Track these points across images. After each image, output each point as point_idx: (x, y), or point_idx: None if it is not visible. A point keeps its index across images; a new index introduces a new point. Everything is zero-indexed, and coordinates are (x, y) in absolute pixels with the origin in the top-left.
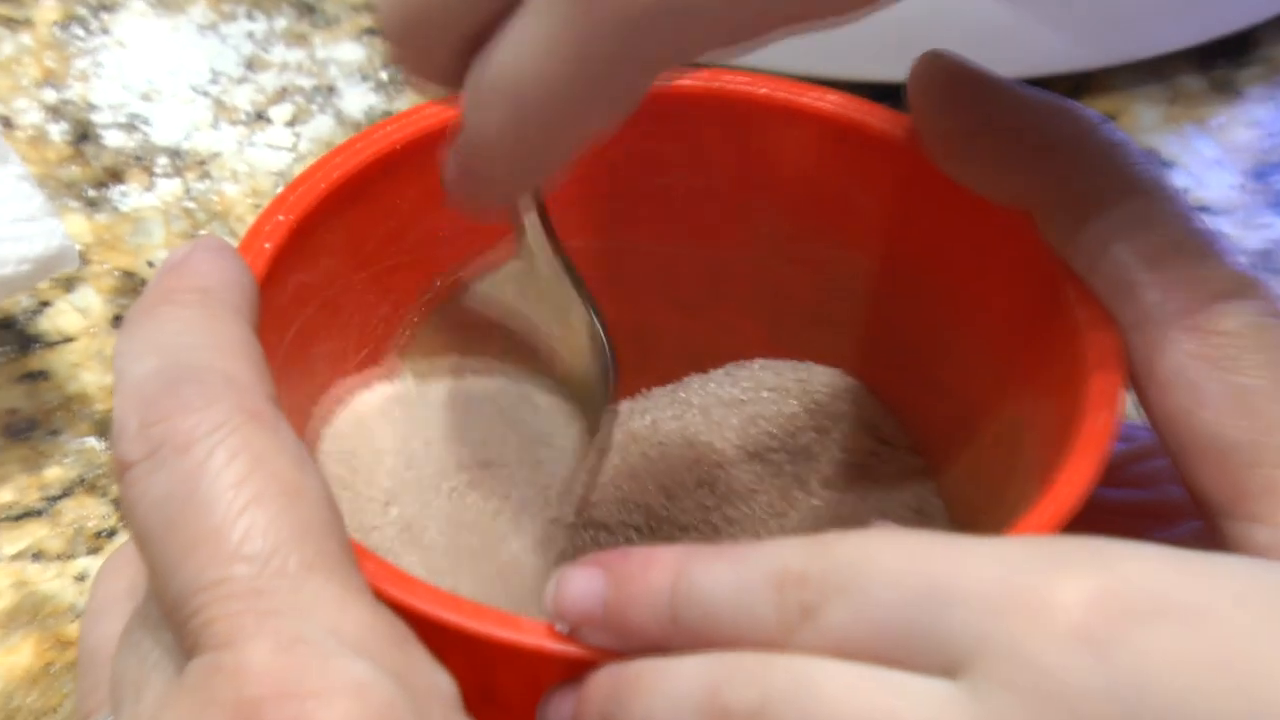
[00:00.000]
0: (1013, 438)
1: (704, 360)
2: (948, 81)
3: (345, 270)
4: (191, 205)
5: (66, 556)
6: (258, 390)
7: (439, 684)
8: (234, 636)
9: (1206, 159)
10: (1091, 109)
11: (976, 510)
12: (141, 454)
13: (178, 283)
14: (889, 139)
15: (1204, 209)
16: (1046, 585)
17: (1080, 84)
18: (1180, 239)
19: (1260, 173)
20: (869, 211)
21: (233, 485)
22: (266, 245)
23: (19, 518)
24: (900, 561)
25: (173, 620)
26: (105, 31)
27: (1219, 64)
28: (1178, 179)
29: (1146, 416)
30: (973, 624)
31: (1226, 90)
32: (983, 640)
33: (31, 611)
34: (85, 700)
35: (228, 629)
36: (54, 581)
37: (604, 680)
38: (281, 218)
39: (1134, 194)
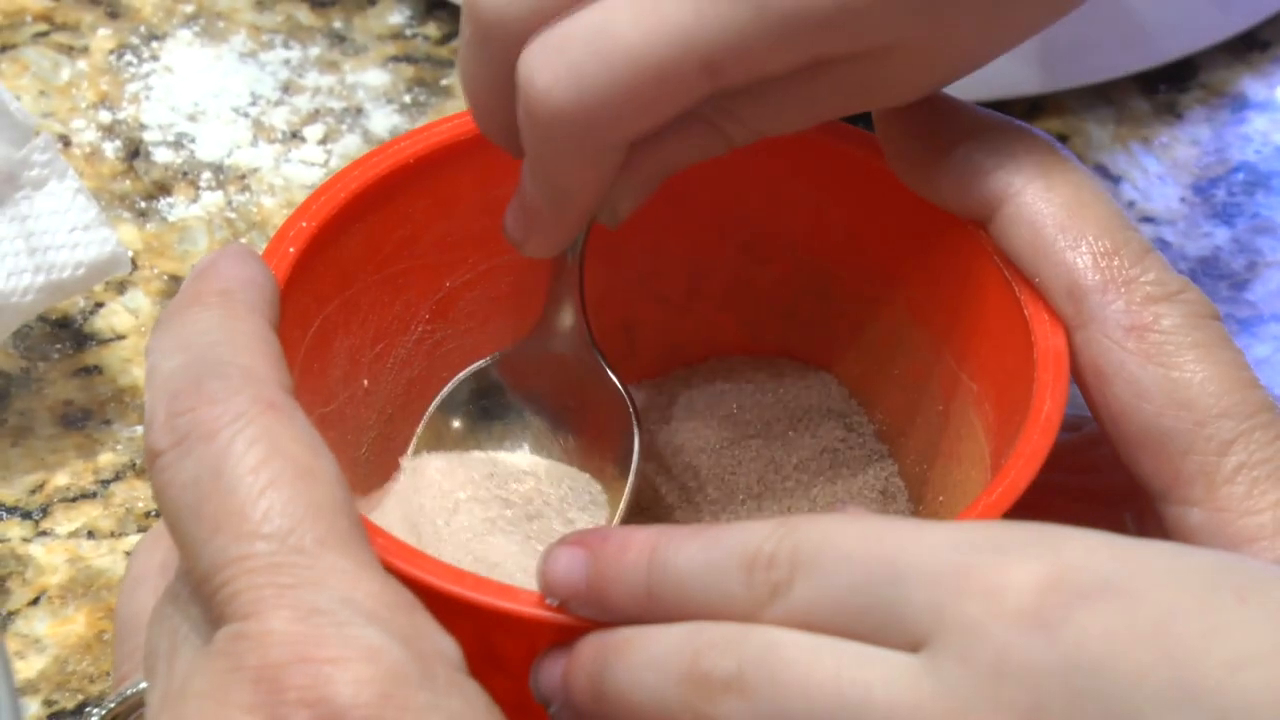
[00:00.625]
0: (967, 426)
1: (687, 353)
2: (912, 105)
3: (362, 272)
4: (232, 216)
5: (117, 535)
6: (274, 382)
7: (444, 647)
8: (257, 608)
9: (1152, 175)
10: (1045, 129)
11: (935, 491)
12: (169, 443)
13: (204, 286)
14: (855, 155)
15: (1150, 220)
16: (1000, 567)
17: (1036, 106)
18: (1119, 246)
19: (1200, 187)
20: (836, 220)
21: (252, 469)
22: (291, 249)
23: (74, 499)
24: (861, 542)
25: (201, 593)
26: (155, 59)
27: (1162, 88)
28: (1126, 193)
29: (1090, 407)
30: (931, 602)
31: (1169, 112)
32: (940, 618)
33: (85, 585)
34: (120, 666)
35: (251, 601)
36: (106, 558)
37: (592, 645)
38: (305, 224)
39: (1079, 206)
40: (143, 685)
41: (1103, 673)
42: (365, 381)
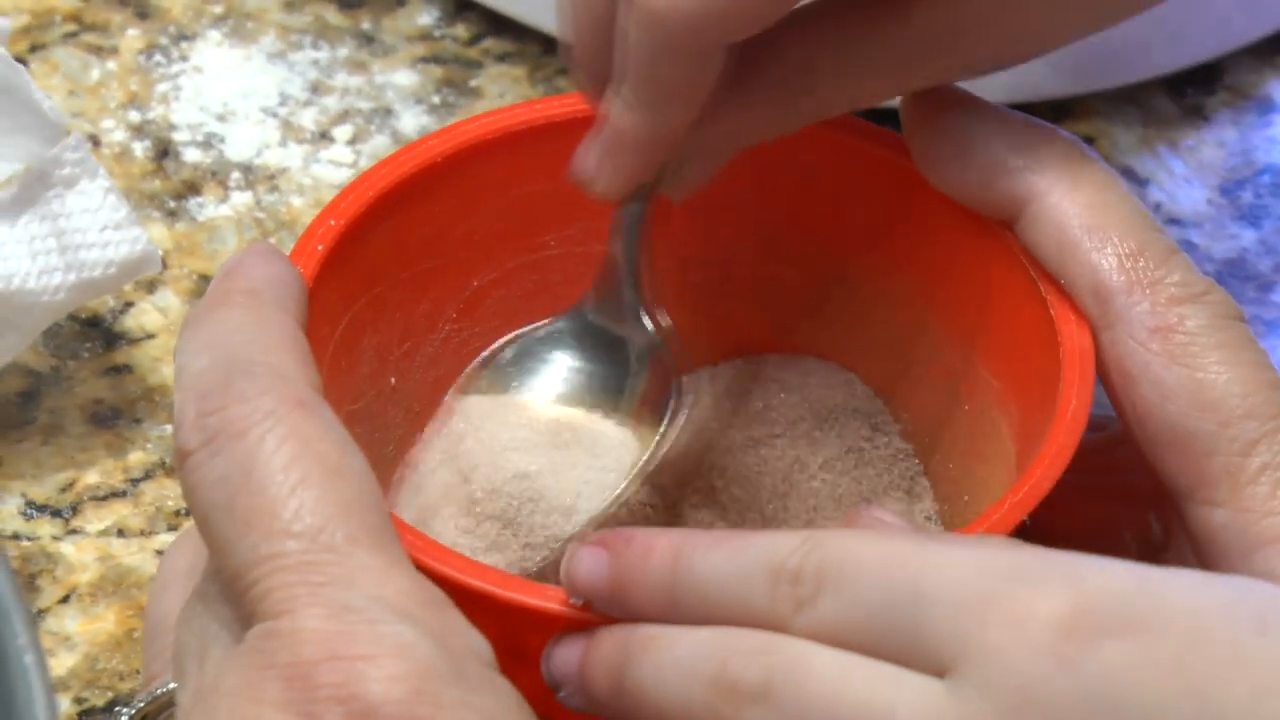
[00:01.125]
0: (991, 425)
1: (713, 351)
2: (938, 105)
3: (389, 270)
4: (261, 215)
5: (148, 533)
6: (303, 380)
7: (474, 643)
8: (289, 606)
9: (1178, 177)
10: (1072, 131)
11: (960, 490)
12: (199, 442)
13: (230, 285)
14: (879, 154)
15: (1176, 222)
16: (1024, 597)
17: (1063, 108)
18: (1145, 247)
19: (1227, 189)
20: (860, 219)
21: (282, 468)
22: (319, 247)
23: (104, 498)
24: (887, 562)
25: (232, 592)
26: (184, 59)
27: (1189, 91)
28: (1153, 195)
29: (1114, 408)
30: (956, 629)
31: (1196, 115)
32: (965, 645)
33: (115, 583)
34: (150, 665)
35: (283, 599)
36: (136, 555)
37: (614, 637)
38: (333, 222)
39: (1104, 206)
40: (172, 685)
41: (1125, 706)
42: (393, 379)
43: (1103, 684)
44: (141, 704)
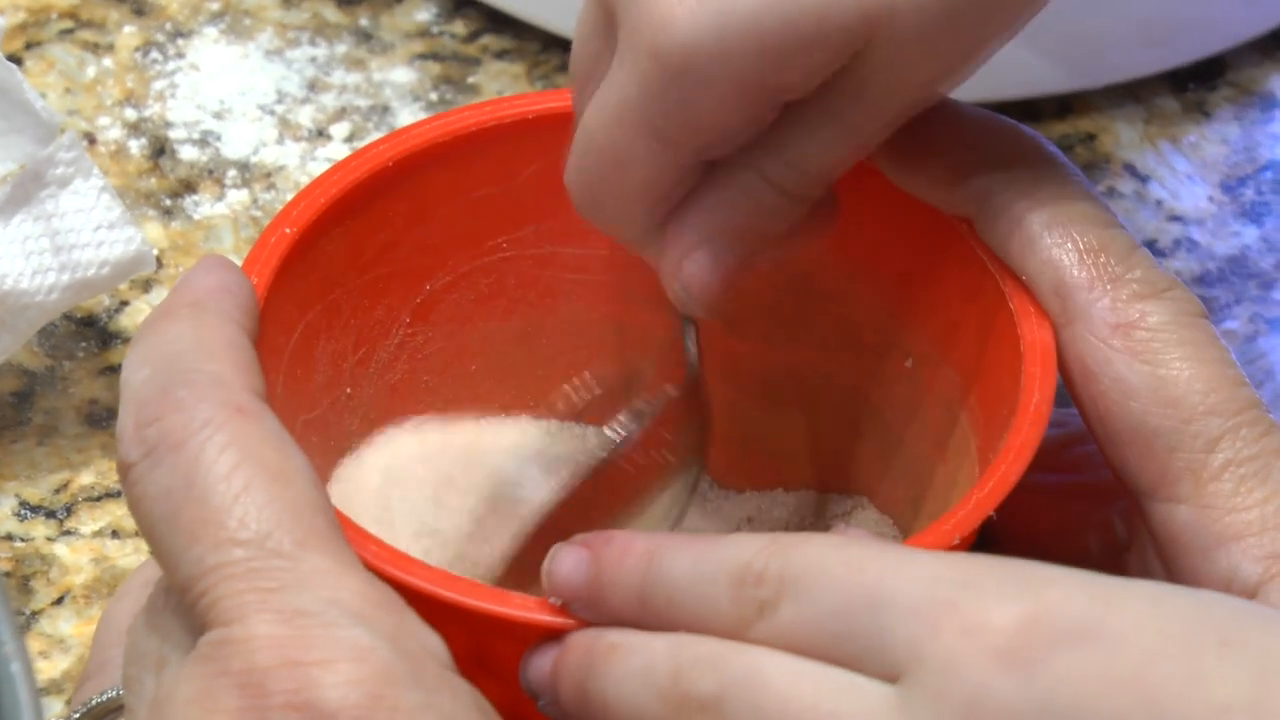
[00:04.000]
0: (952, 421)
1: (668, 349)
2: None
3: (343, 277)
4: (258, 214)
5: (142, 534)
6: (242, 386)
7: (430, 644)
8: (240, 613)
9: (1180, 174)
10: (1074, 128)
11: (923, 486)
12: (139, 454)
13: (176, 299)
14: None
15: (1178, 219)
16: (979, 606)
17: (1065, 105)
18: (1106, 243)
19: (1229, 186)
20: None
21: (225, 476)
22: (272, 256)
23: (99, 498)
24: (847, 567)
25: (182, 604)
26: (181, 56)
27: (1191, 87)
28: (1154, 191)
29: (1075, 405)
30: (910, 636)
31: (1198, 111)
32: (918, 652)
33: (110, 584)
34: (88, 679)
35: (233, 607)
36: (130, 557)
37: (579, 646)
38: (286, 230)
39: (1066, 203)
40: (110, 695)
41: (1078, 717)
42: (348, 389)
43: (1055, 695)
44: (76, 715)
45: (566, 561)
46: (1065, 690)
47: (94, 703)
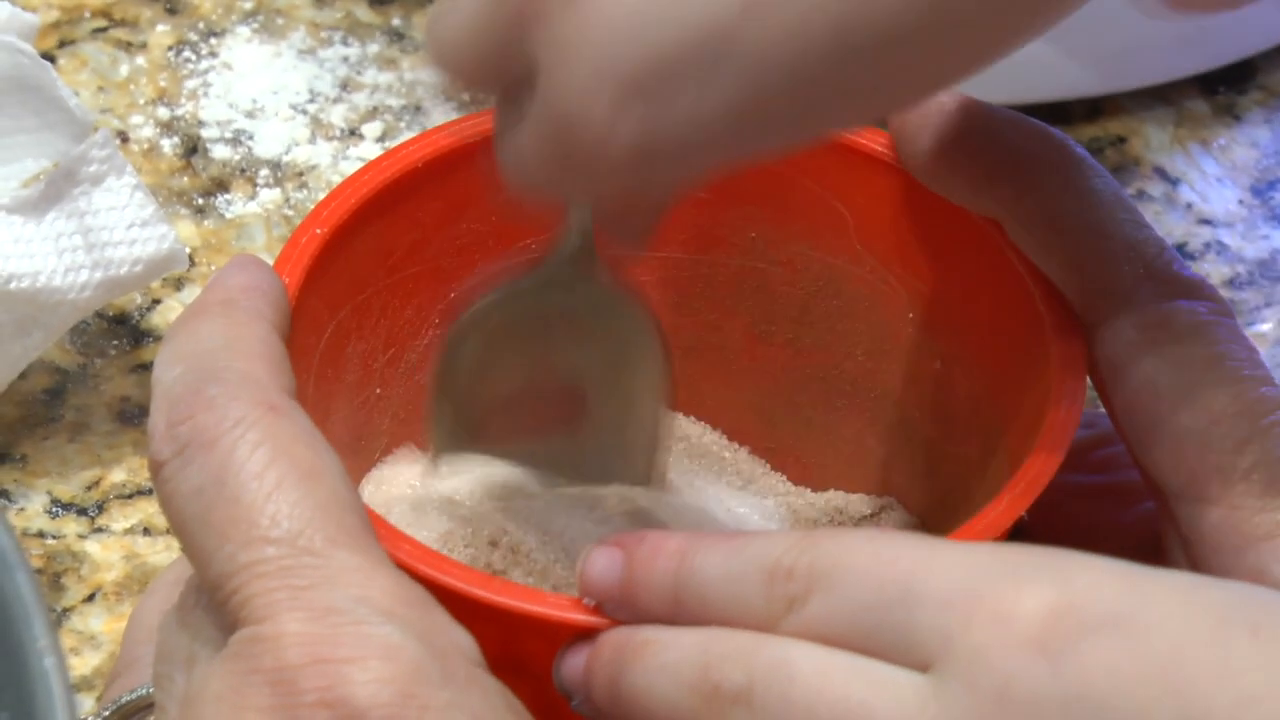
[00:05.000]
0: (980, 424)
1: (696, 352)
2: (926, 102)
3: (373, 277)
4: (290, 213)
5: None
6: (274, 385)
7: (461, 642)
8: (271, 611)
9: (1210, 177)
10: (1104, 130)
11: (955, 486)
12: (171, 452)
13: (208, 298)
14: (867, 152)
15: (1208, 222)
16: (1009, 594)
17: (1095, 108)
18: (1135, 245)
19: (1259, 189)
20: (846, 218)
21: (256, 474)
22: (304, 256)
23: (130, 496)
24: (876, 561)
25: (213, 601)
26: (213, 55)
27: (1221, 90)
28: (1184, 194)
29: (1104, 405)
30: (940, 626)
31: (1228, 114)
32: (949, 642)
33: (141, 581)
34: (117, 677)
35: (264, 605)
36: (162, 554)
37: (611, 643)
38: (317, 230)
39: (1094, 205)
40: (140, 693)
41: (1106, 706)
42: (378, 389)
43: (1083, 683)
44: (105, 714)
45: (599, 562)
46: (1095, 679)
47: (124, 700)
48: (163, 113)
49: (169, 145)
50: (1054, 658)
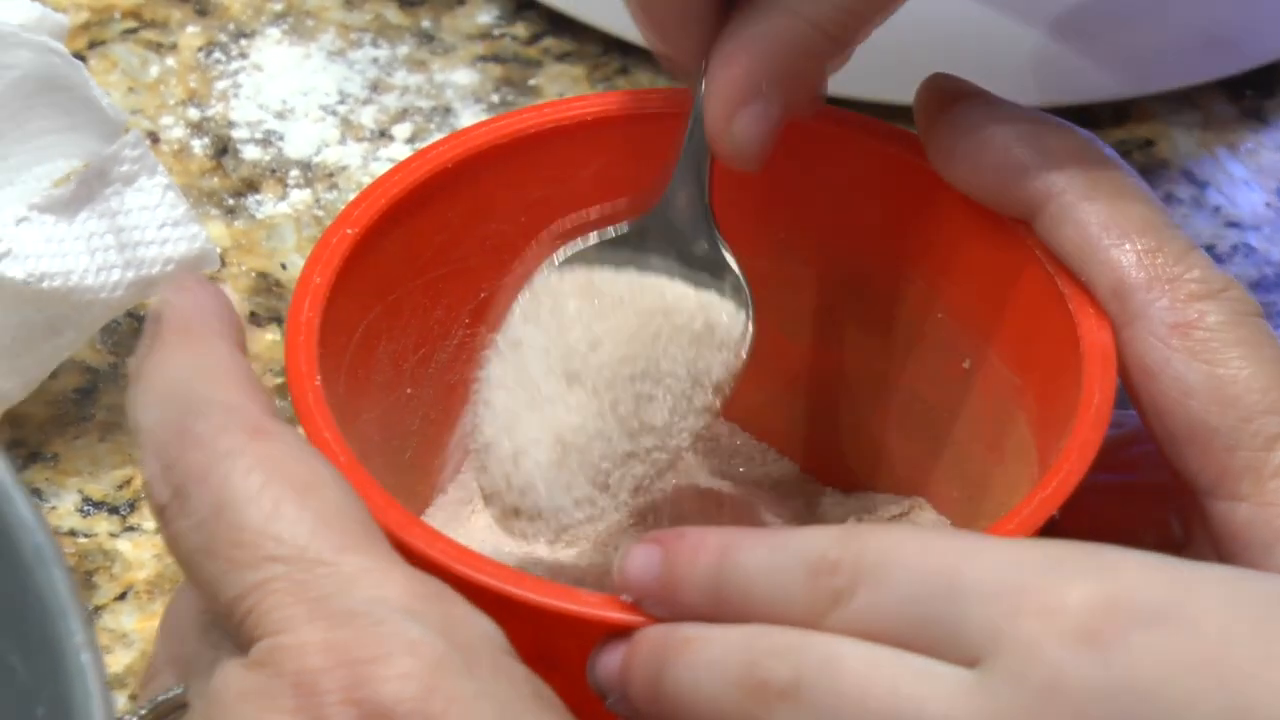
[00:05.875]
0: (1011, 422)
1: None
2: (953, 103)
3: (403, 277)
4: (320, 214)
5: None
6: (254, 407)
7: (485, 629)
8: (289, 624)
9: (1237, 180)
10: (1131, 134)
11: (981, 486)
12: (169, 495)
13: (160, 328)
14: (895, 153)
15: (1235, 224)
16: (1057, 588)
17: (1122, 111)
18: (1164, 244)
19: None
20: (876, 219)
21: (254, 497)
22: (334, 256)
23: None
24: (922, 555)
25: (229, 626)
26: (244, 56)
27: (1248, 94)
28: (1211, 198)
29: (1134, 404)
30: (988, 620)
31: (1255, 118)
32: (996, 636)
33: (173, 580)
34: (154, 678)
35: (281, 619)
36: None
37: (651, 640)
38: (348, 231)
39: (1123, 204)
40: (174, 692)
41: (1154, 698)
42: (409, 389)
43: (1132, 675)
44: (142, 713)
45: (637, 558)
46: (1141, 671)
47: (159, 700)
48: (193, 114)
49: (199, 146)
50: (1103, 650)
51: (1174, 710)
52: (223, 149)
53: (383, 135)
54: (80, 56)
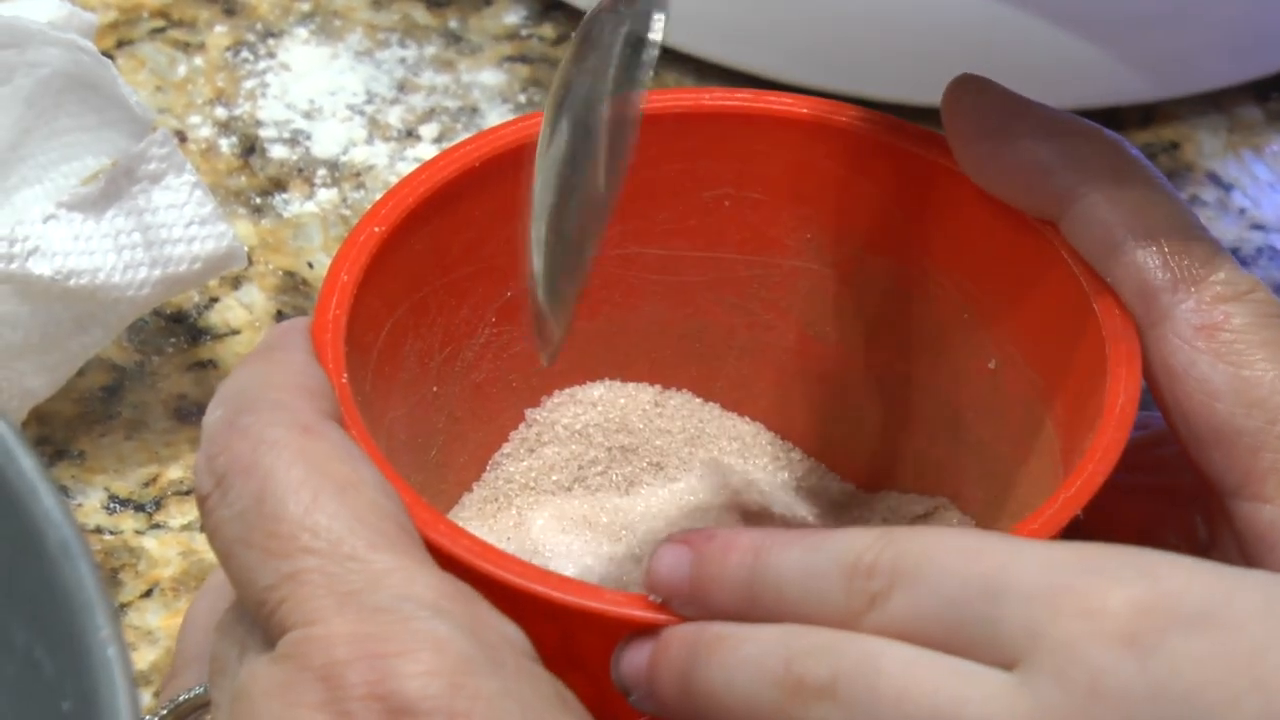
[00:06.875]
0: (1035, 422)
1: (750, 352)
2: (980, 101)
3: (431, 275)
4: (347, 213)
5: None
6: (308, 408)
7: (509, 633)
8: (318, 615)
9: (1262, 182)
10: (1156, 136)
11: (1005, 486)
12: (211, 485)
13: (251, 352)
14: (921, 154)
15: (1260, 227)
16: (1097, 590)
17: (1147, 114)
18: (1190, 246)
19: None
20: (901, 219)
21: (293, 492)
22: (362, 254)
23: (187, 492)
24: (961, 557)
25: (259, 616)
26: (271, 56)
27: (1274, 97)
28: (1237, 200)
29: (1158, 406)
30: (1028, 621)
31: None
32: (1037, 638)
33: (198, 577)
34: (175, 676)
35: (310, 610)
36: None
37: (682, 638)
38: (376, 229)
39: (1149, 206)
40: (196, 691)
41: (1194, 700)
42: (435, 388)
43: (1172, 677)
44: (163, 713)
45: (667, 559)
46: (1182, 673)
47: (181, 699)
48: (220, 113)
49: (226, 145)
50: (1143, 652)
51: (1214, 713)
52: (250, 148)
53: (410, 135)
54: (108, 55)
